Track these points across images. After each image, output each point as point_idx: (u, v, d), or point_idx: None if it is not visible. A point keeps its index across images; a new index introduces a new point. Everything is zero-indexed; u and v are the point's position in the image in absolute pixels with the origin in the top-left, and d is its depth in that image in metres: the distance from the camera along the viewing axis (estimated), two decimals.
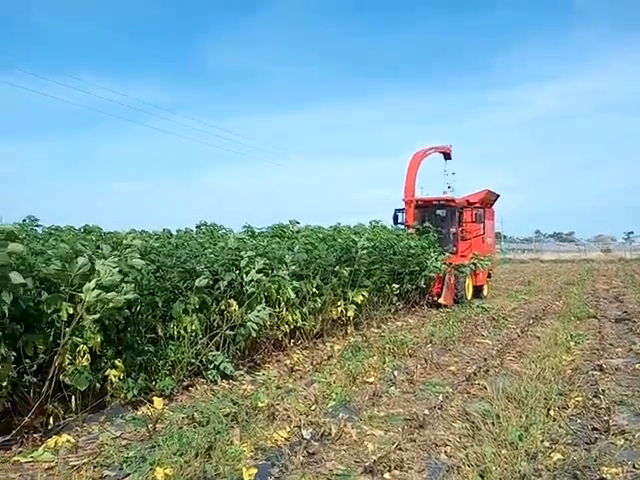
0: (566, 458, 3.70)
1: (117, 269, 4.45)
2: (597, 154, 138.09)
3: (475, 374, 6.14)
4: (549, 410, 4.75)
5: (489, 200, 15.52)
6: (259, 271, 5.97)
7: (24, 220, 7.81)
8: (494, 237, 16.86)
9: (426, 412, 4.64)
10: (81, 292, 4.28)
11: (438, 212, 14.31)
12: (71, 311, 4.22)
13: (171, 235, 8.36)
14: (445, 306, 11.99)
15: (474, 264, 13.34)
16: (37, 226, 7.98)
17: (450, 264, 12.52)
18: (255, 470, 3.57)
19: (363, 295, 8.82)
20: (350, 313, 8.36)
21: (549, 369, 6.14)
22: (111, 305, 4.33)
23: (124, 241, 5.08)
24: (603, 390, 5.32)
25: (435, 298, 12.40)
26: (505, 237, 56.36)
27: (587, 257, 40.02)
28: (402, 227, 14.02)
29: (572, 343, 8.00)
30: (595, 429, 4.37)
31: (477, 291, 14.20)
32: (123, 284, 4.43)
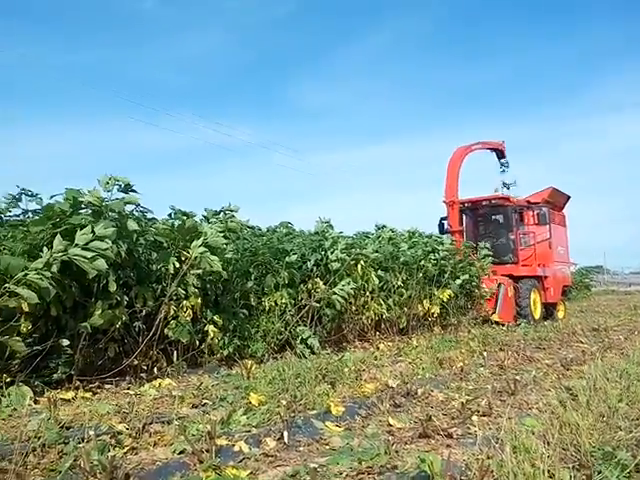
0: None
1: (222, 234, 4.88)
2: None
3: (572, 361, 5.82)
4: None
5: (556, 201, 13.04)
6: (342, 250, 6.17)
7: None
8: (567, 247, 13.64)
9: (517, 378, 4.49)
10: (188, 250, 4.71)
11: (491, 214, 12.15)
12: (177, 265, 4.65)
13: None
14: (501, 325, 9.68)
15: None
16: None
17: (510, 275, 10.88)
18: (343, 408, 3.67)
19: (449, 295, 8.68)
20: (435, 309, 8.25)
21: None
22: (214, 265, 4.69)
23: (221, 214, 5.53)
24: None
25: (490, 313, 10.20)
26: (608, 271, 52.80)
27: None
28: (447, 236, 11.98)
29: None
30: None
31: (548, 310, 11.89)
32: (224, 245, 4.82)
